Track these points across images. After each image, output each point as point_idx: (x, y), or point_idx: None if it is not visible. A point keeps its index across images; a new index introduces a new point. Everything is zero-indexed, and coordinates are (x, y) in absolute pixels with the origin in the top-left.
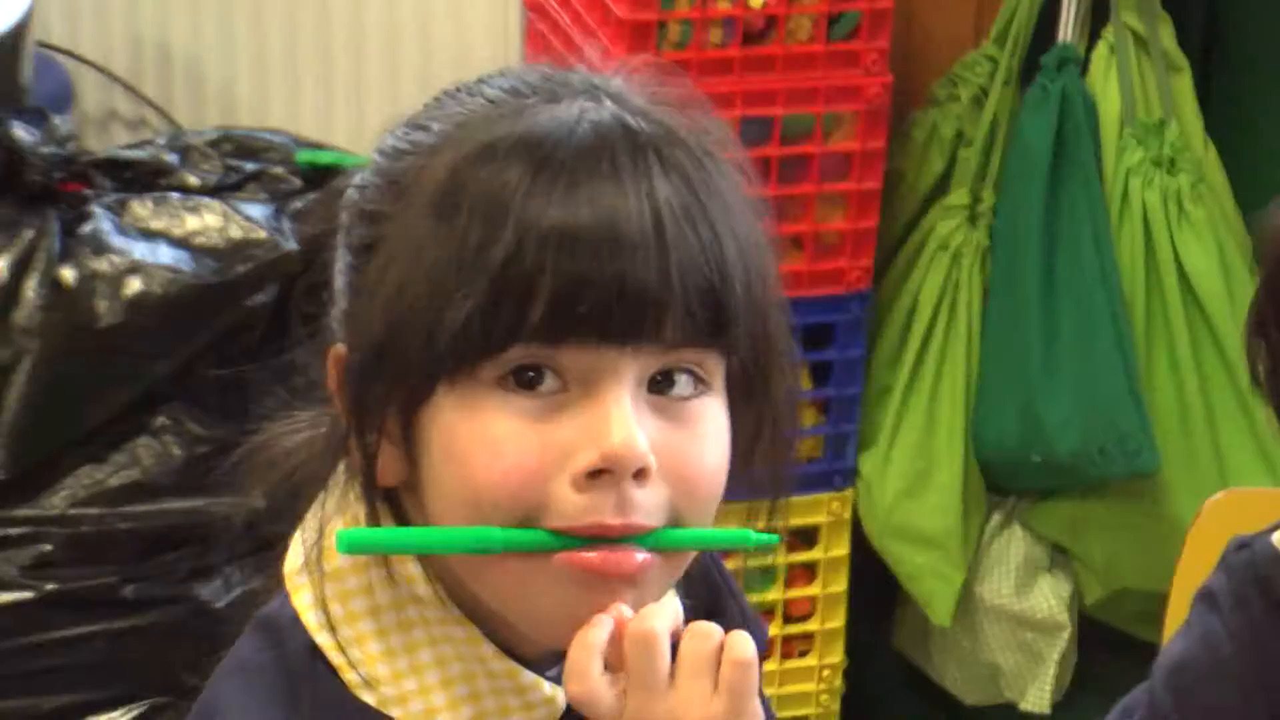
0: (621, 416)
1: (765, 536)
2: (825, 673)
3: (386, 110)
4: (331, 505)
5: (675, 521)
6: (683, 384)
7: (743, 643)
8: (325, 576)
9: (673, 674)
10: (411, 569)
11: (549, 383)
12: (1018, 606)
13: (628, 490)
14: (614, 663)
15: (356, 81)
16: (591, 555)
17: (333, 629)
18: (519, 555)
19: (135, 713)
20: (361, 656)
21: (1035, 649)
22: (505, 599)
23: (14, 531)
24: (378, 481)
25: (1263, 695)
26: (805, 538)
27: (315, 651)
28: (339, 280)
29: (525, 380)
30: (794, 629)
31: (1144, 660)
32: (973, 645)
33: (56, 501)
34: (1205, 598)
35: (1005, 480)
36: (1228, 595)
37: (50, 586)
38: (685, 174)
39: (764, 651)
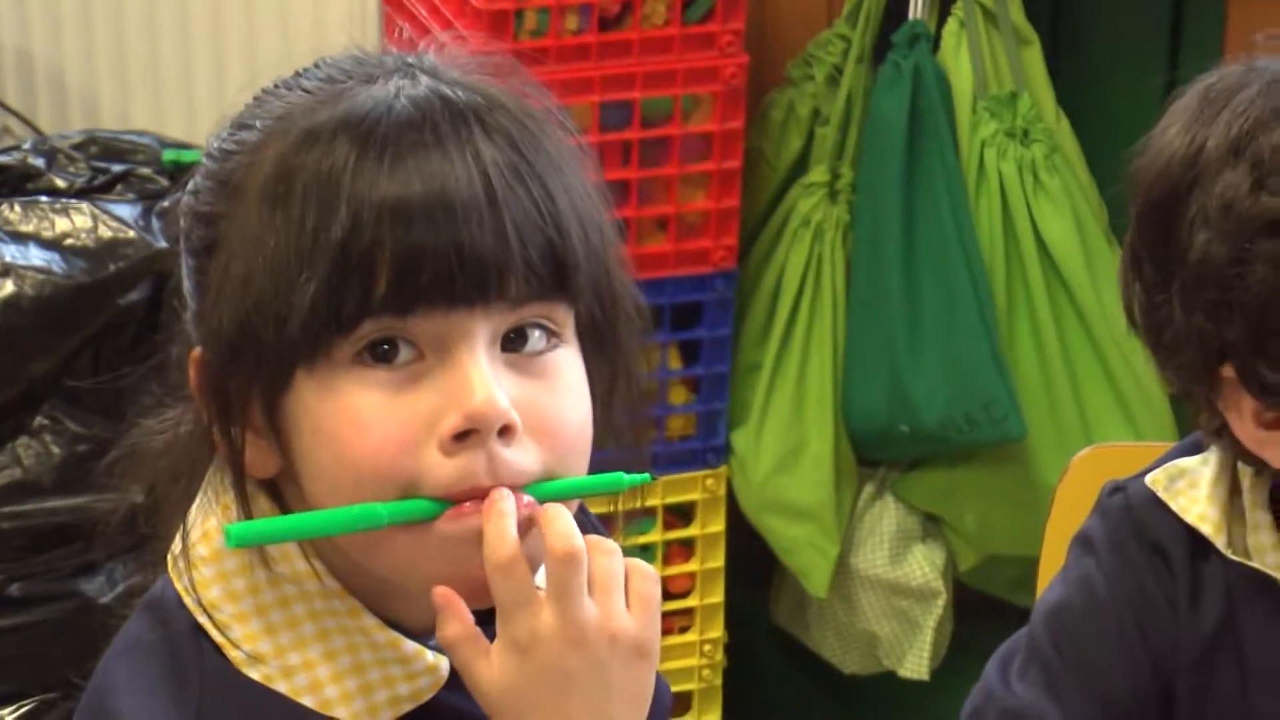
0: (480, 376)
1: (637, 477)
2: (706, 647)
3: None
4: (211, 495)
5: (548, 477)
6: (535, 339)
7: (645, 564)
8: (204, 560)
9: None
10: (288, 548)
11: (404, 353)
12: (892, 575)
13: (496, 449)
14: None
15: (218, 80)
16: (471, 510)
17: (207, 612)
18: (405, 527)
19: (24, 709)
20: (243, 634)
21: (911, 617)
22: (400, 570)
23: None
24: (250, 473)
25: (1139, 636)
26: (682, 515)
27: (200, 631)
28: (186, 284)
29: (380, 354)
30: (673, 605)
31: (1020, 625)
32: (850, 615)
33: None
34: (1081, 542)
35: (875, 451)
36: (1104, 539)
37: None
38: (509, 135)
39: None
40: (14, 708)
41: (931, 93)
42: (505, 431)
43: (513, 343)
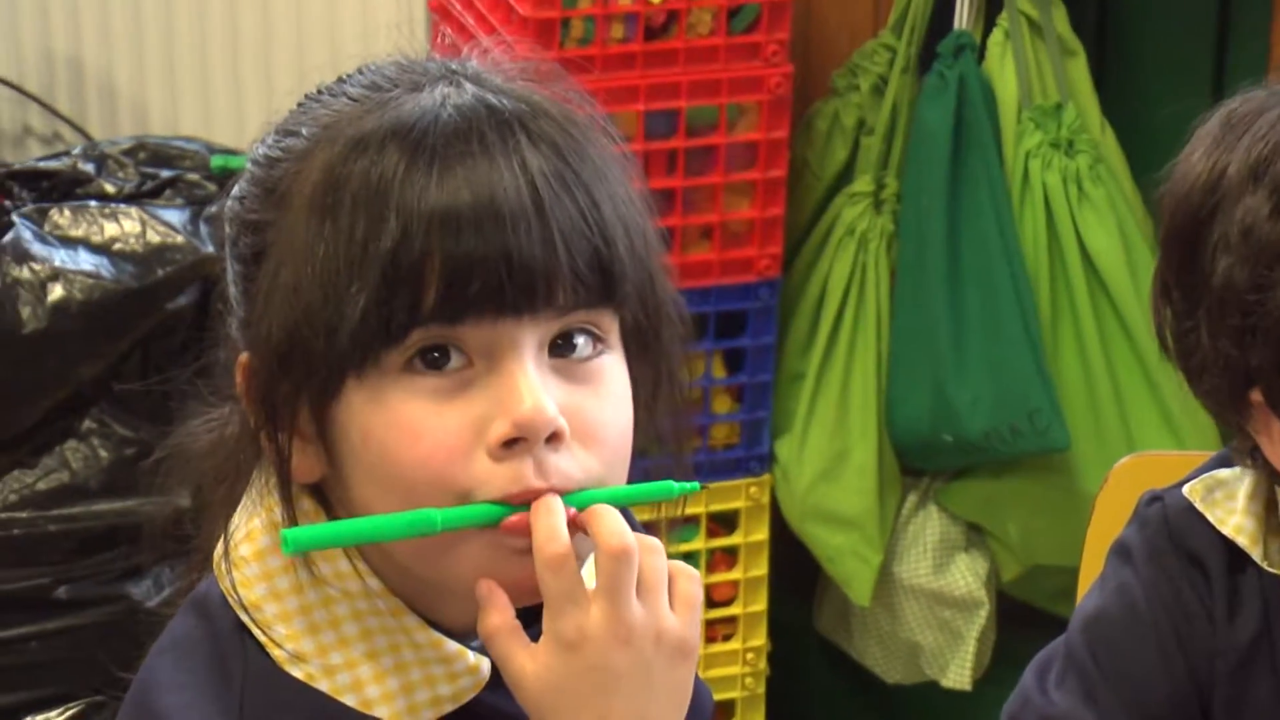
0: (528, 384)
1: (686, 485)
2: (749, 655)
3: None
4: (255, 495)
5: (593, 483)
6: (582, 345)
7: (688, 565)
8: (247, 559)
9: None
10: (335, 554)
11: (454, 360)
12: (935, 585)
13: (543, 455)
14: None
15: (266, 87)
16: (523, 521)
17: (249, 611)
18: (459, 533)
19: (72, 712)
20: (286, 633)
21: (954, 627)
22: (450, 575)
23: None
24: (297, 478)
25: (1177, 645)
26: (725, 523)
27: (243, 629)
28: (232, 290)
29: (431, 361)
30: (717, 613)
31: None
32: (892, 625)
33: None
34: (1120, 551)
35: (919, 461)
36: (1141, 548)
37: None
38: (554, 143)
39: None
40: (61, 710)
41: (976, 103)
42: (553, 438)
43: (560, 348)
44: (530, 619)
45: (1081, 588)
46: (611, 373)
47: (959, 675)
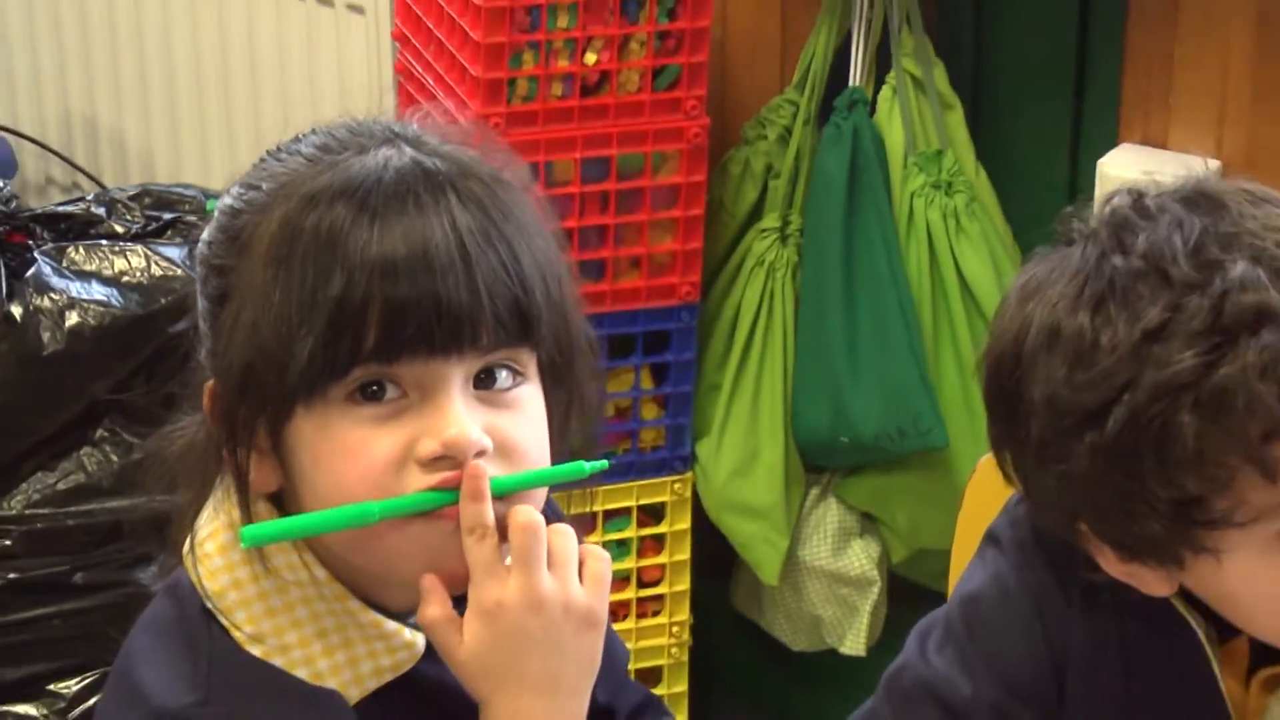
0: (455, 414)
1: (596, 464)
2: (674, 629)
3: None
4: (219, 498)
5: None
6: (503, 378)
7: (598, 548)
8: (211, 554)
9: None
10: (284, 545)
11: (390, 393)
12: (834, 566)
13: (471, 464)
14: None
15: (256, 141)
16: (452, 512)
17: (212, 600)
18: (392, 524)
19: (87, 681)
20: (245, 617)
21: (850, 602)
22: (385, 563)
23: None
24: (255, 488)
25: (1040, 629)
26: (653, 514)
27: (209, 613)
28: (201, 324)
29: (370, 394)
30: (646, 593)
31: None
32: (798, 601)
33: (14, 504)
34: (993, 541)
35: (820, 459)
36: (1011, 541)
37: (11, 575)
38: (480, 201)
39: None
40: (78, 679)
41: (868, 150)
42: (479, 455)
43: (483, 381)
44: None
45: (954, 566)
46: (528, 400)
47: (855, 643)
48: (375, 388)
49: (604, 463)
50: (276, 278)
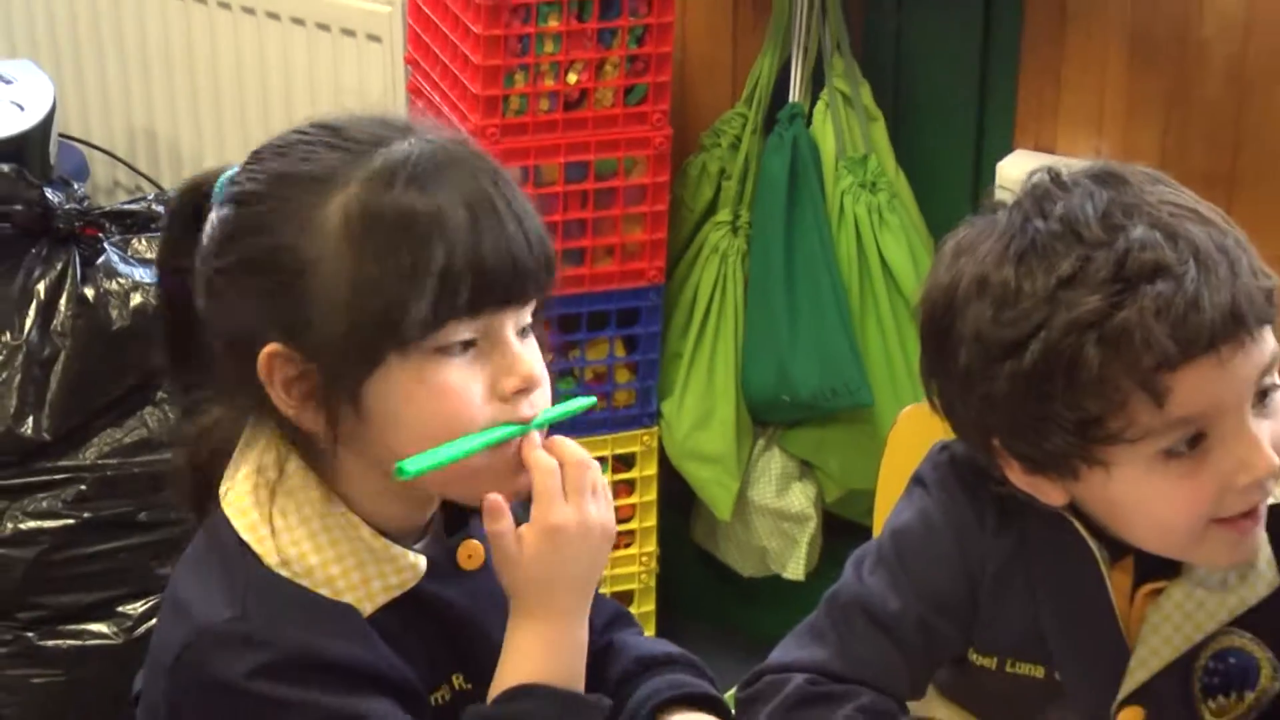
0: (527, 354)
1: (590, 400)
2: (643, 559)
3: None
4: (246, 449)
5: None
6: (528, 324)
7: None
8: (242, 496)
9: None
10: (308, 483)
11: (470, 344)
12: (778, 505)
13: (531, 398)
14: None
15: None
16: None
17: (250, 533)
18: (477, 458)
19: (150, 603)
20: (274, 546)
21: (792, 535)
22: (464, 484)
23: (59, 477)
24: (304, 427)
25: (959, 554)
26: (625, 462)
27: (244, 545)
28: (253, 300)
29: (463, 347)
30: (619, 529)
31: (869, 539)
32: (747, 534)
33: (88, 455)
34: (919, 483)
35: (765, 415)
36: (934, 483)
37: (86, 515)
38: (500, 174)
39: None
40: (143, 602)
41: (805, 156)
42: (538, 391)
43: (520, 330)
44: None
45: (879, 503)
46: (536, 341)
47: (795, 570)
48: (465, 341)
49: (593, 400)
50: (365, 253)
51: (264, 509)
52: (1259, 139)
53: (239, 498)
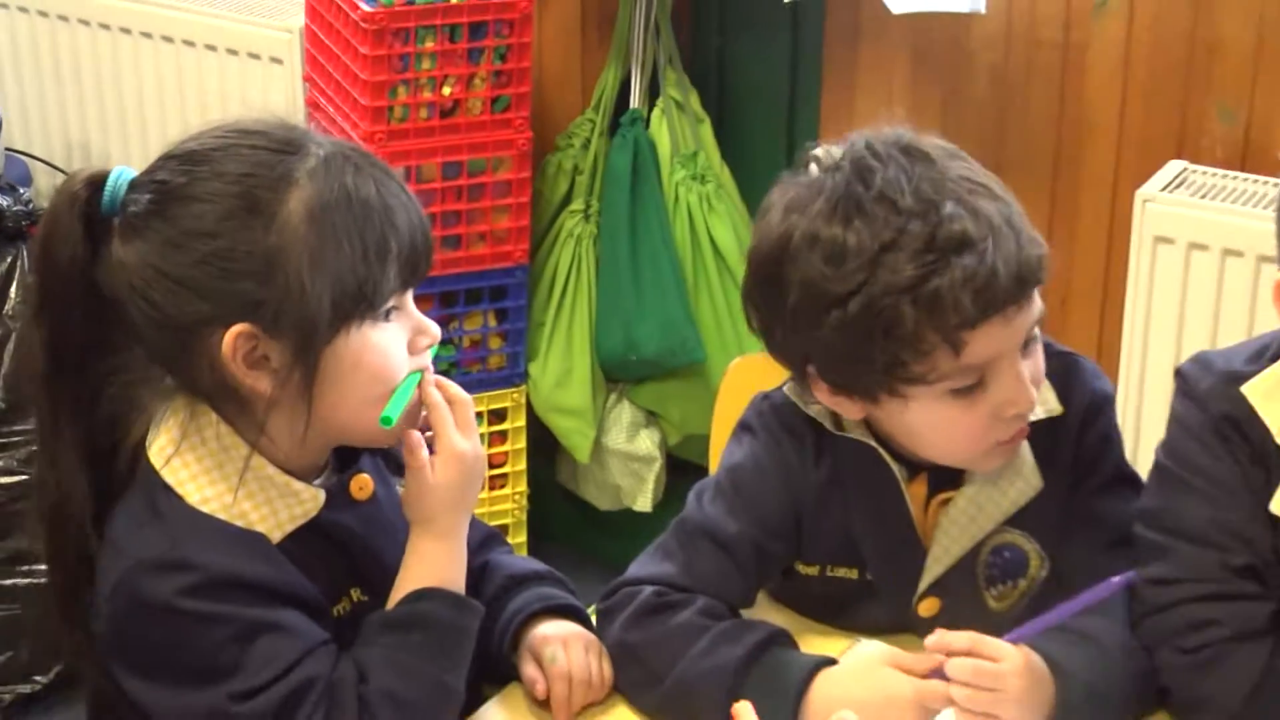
0: (428, 320)
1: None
2: (515, 497)
3: None
4: (166, 412)
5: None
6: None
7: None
8: (166, 445)
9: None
10: (220, 431)
11: (395, 313)
12: (628, 449)
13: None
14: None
15: None
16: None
17: (170, 477)
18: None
19: None
20: (194, 486)
21: (640, 474)
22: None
23: (13, 439)
24: (257, 391)
25: (784, 485)
26: (498, 416)
27: (167, 487)
28: (213, 291)
29: (387, 315)
30: (494, 472)
31: (703, 477)
32: (603, 474)
33: (33, 423)
34: (746, 428)
35: (616, 373)
36: (760, 428)
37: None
38: (394, 175)
39: None
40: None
41: (645, 153)
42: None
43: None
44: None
45: (713, 446)
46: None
47: (643, 503)
48: (391, 309)
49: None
50: (333, 236)
51: (184, 457)
52: (1019, 132)
53: (163, 449)
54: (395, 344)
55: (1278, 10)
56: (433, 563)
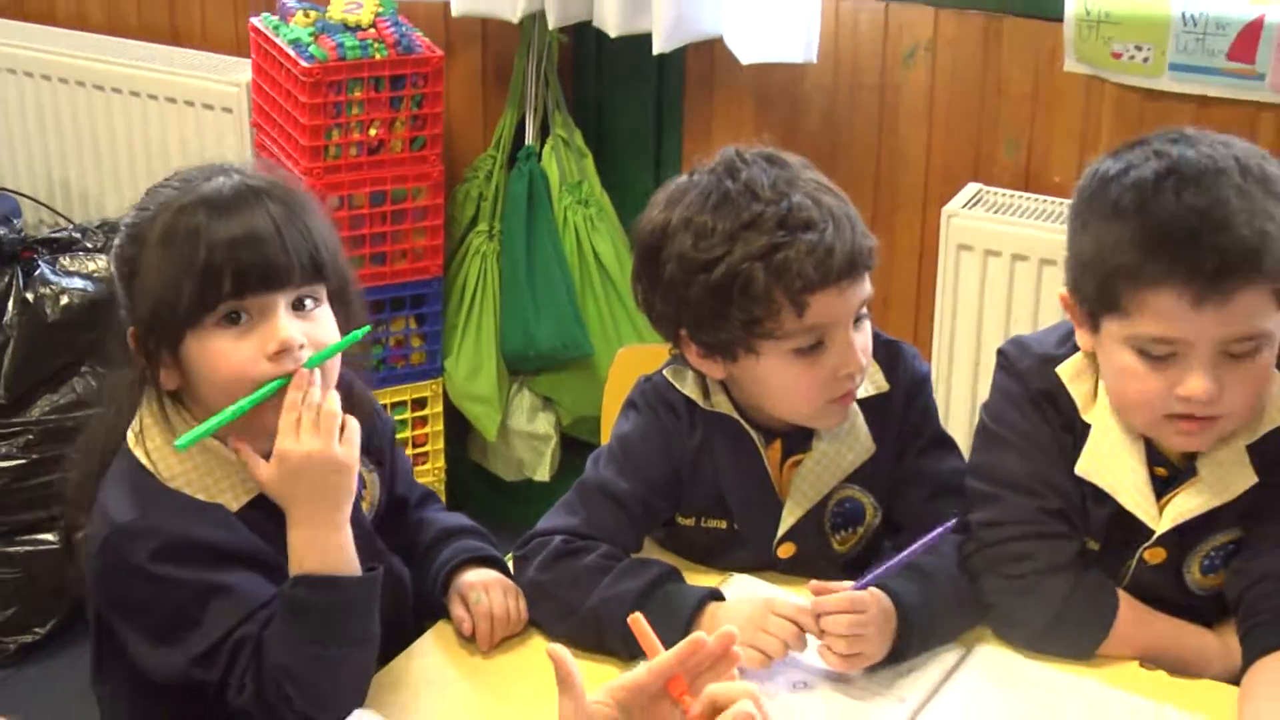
0: (284, 326)
1: (360, 331)
2: (435, 472)
3: None
4: (145, 404)
5: None
6: (309, 304)
7: (352, 418)
8: (142, 432)
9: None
10: (181, 426)
11: (243, 319)
12: (528, 429)
13: (299, 356)
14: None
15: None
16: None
17: (144, 458)
18: (259, 406)
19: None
20: (165, 466)
21: (540, 450)
22: (252, 426)
23: (13, 430)
24: (164, 385)
25: (664, 451)
26: (419, 404)
27: (141, 466)
28: (121, 296)
29: (231, 319)
30: (416, 451)
31: (593, 449)
32: (508, 450)
33: (34, 412)
34: (631, 404)
35: (517, 366)
36: (643, 405)
37: (34, 456)
38: (284, 201)
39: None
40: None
41: (538, 183)
42: (301, 348)
43: (298, 306)
44: None
45: (603, 425)
46: (325, 315)
47: (542, 474)
48: (234, 315)
49: (366, 328)
50: (165, 257)
51: (154, 440)
52: (845, 161)
53: (135, 434)
54: (234, 347)
55: (1049, 62)
56: (299, 551)
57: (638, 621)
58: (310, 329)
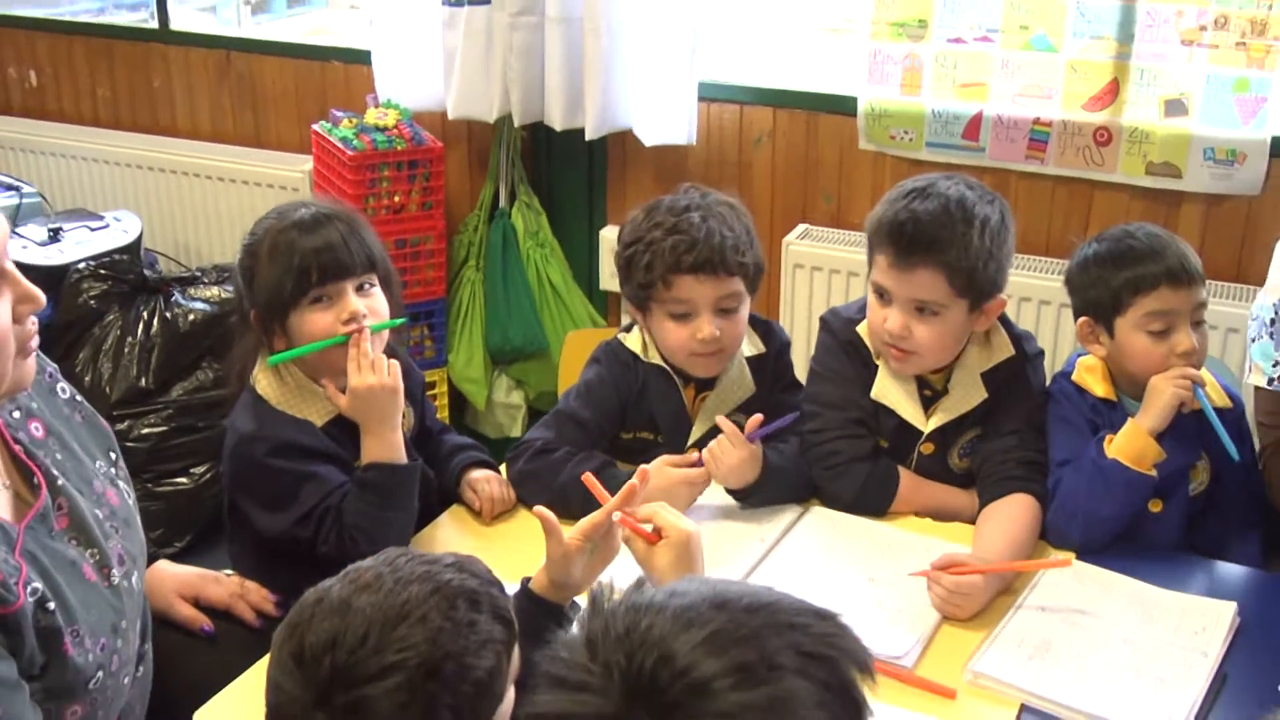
0: (353, 301)
1: (400, 319)
2: None
3: None
4: (259, 359)
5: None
6: (368, 287)
7: (392, 360)
8: (256, 375)
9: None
10: (292, 366)
11: (325, 300)
12: (506, 401)
13: (363, 324)
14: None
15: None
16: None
17: (261, 389)
18: (333, 349)
19: (207, 465)
20: (273, 394)
21: (513, 416)
22: (329, 366)
23: (157, 406)
24: (275, 348)
25: (616, 393)
26: (431, 385)
27: (259, 395)
28: (242, 288)
29: (318, 301)
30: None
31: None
32: (493, 417)
33: (173, 394)
34: (594, 359)
35: (498, 358)
36: (603, 358)
37: (174, 424)
38: (347, 221)
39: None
40: (204, 466)
41: (510, 233)
42: (364, 317)
43: (361, 289)
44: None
45: (560, 387)
46: (379, 295)
47: (517, 432)
48: (319, 298)
49: (404, 319)
50: (272, 263)
51: (267, 376)
52: None
53: (255, 375)
54: (322, 318)
55: (850, 143)
56: (368, 448)
57: (589, 478)
58: (369, 303)
